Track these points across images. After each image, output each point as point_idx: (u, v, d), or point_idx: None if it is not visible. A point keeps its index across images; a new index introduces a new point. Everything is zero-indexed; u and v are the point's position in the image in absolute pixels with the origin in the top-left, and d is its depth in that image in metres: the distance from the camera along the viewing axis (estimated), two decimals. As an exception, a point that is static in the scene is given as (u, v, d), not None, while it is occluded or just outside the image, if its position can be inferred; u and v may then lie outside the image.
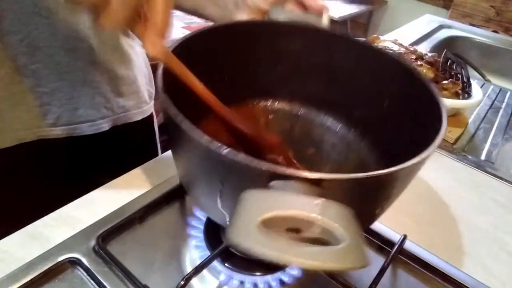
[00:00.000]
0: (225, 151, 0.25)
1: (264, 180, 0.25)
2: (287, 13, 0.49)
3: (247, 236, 0.21)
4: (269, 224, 0.22)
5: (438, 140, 0.30)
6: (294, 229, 0.23)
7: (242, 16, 0.52)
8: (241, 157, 0.24)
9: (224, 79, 0.45)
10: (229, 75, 0.45)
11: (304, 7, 0.50)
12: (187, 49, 0.36)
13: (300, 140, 0.48)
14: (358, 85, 0.44)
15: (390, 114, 0.41)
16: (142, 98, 0.60)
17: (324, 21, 0.48)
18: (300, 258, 0.20)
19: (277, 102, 0.49)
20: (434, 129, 0.31)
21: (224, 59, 0.43)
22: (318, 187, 0.25)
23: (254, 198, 0.24)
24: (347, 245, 0.21)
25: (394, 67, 0.40)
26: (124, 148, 0.60)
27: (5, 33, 0.42)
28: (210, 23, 0.44)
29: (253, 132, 0.40)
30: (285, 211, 0.22)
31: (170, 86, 0.30)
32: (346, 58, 0.44)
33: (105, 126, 0.54)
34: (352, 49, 0.43)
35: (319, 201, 0.23)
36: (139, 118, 0.60)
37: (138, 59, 0.58)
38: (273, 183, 0.24)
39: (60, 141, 0.52)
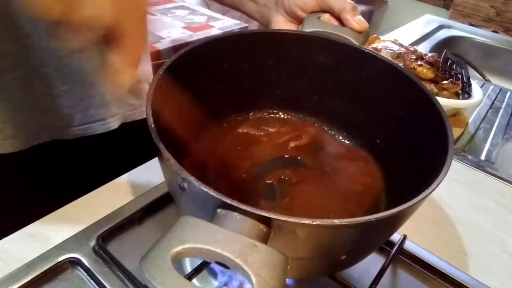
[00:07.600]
0: (183, 172, 0.25)
1: (211, 206, 0.25)
2: (321, 24, 0.46)
3: (151, 264, 0.22)
4: (189, 254, 0.22)
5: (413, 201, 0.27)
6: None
7: (279, 18, 0.51)
8: (194, 179, 0.25)
9: (242, 87, 0.44)
10: (248, 83, 0.44)
11: (341, 21, 0.47)
12: (209, 52, 0.38)
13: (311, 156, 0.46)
14: (383, 110, 0.42)
15: (406, 149, 0.39)
16: None
17: (362, 40, 0.45)
18: None
19: (295, 115, 0.49)
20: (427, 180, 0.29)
21: (245, 66, 0.43)
22: (265, 226, 0.24)
23: (185, 225, 0.23)
24: None
25: (425, 101, 0.37)
26: (131, 146, 0.61)
27: (16, 38, 0.43)
28: (214, 32, 0.44)
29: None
30: (203, 245, 0.22)
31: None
32: (374, 79, 0.42)
33: (114, 124, 0.55)
34: (382, 70, 0.41)
35: (248, 241, 0.22)
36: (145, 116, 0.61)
37: (143, 59, 0.58)
38: (219, 210, 0.24)
39: (69, 142, 0.52)
